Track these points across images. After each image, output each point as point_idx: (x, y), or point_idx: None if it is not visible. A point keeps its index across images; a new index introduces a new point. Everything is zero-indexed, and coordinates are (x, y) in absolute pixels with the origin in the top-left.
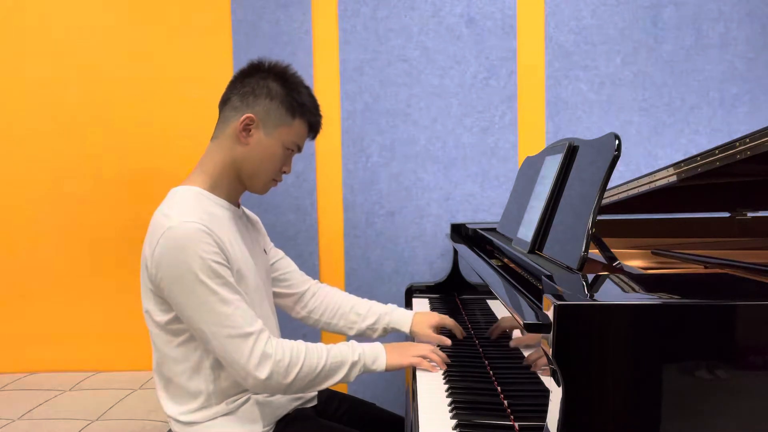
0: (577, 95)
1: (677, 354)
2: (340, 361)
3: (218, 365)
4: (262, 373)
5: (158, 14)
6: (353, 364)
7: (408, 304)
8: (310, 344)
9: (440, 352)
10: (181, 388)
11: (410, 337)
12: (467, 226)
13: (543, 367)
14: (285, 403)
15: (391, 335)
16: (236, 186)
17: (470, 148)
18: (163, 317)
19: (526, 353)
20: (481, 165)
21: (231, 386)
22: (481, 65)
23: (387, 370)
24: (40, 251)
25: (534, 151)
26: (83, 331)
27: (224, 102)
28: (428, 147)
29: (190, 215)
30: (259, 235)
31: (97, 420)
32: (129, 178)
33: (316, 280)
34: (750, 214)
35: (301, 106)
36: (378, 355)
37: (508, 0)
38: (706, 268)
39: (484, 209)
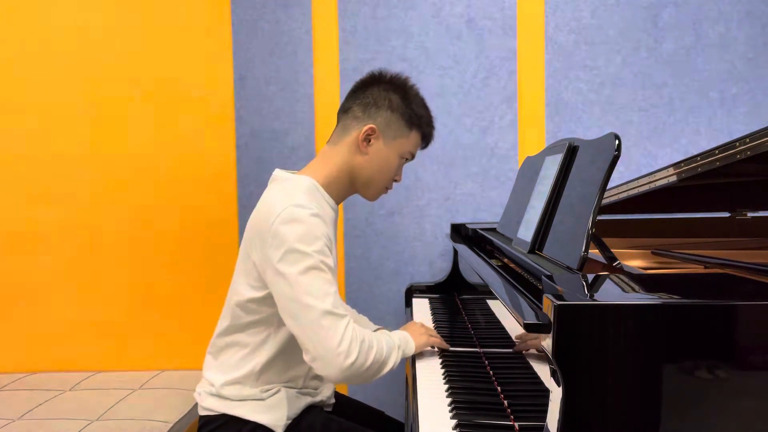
0: (577, 95)
1: (677, 354)
2: (391, 346)
3: (273, 355)
4: (351, 356)
5: (158, 14)
6: (398, 348)
7: (408, 304)
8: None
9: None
10: (234, 359)
11: None
12: (467, 226)
13: (533, 352)
14: (308, 403)
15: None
16: (347, 191)
17: (470, 148)
18: (251, 293)
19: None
20: (481, 165)
21: (272, 376)
22: (481, 65)
23: (416, 351)
24: (40, 251)
25: (534, 151)
26: (83, 331)
27: (345, 111)
28: (428, 147)
29: (311, 203)
30: None
31: (97, 420)
32: (128, 177)
33: None
34: (750, 214)
35: (419, 119)
36: (408, 340)
37: (508, 0)
38: (706, 268)
39: (484, 209)
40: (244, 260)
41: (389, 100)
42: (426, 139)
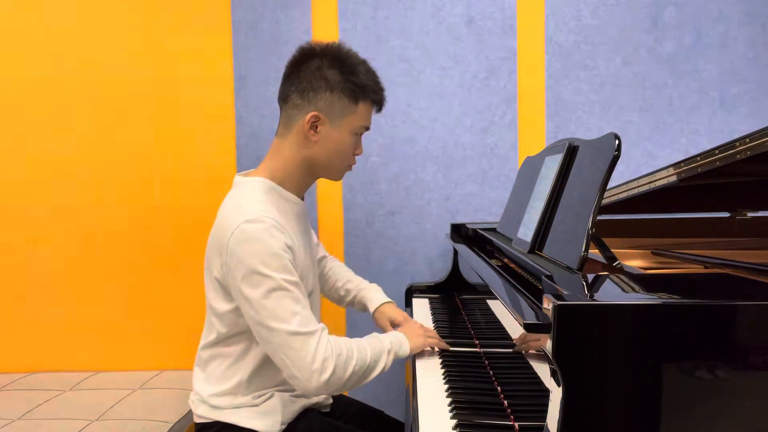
0: (577, 95)
1: (677, 354)
2: (379, 351)
3: (259, 363)
4: (326, 373)
5: (158, 14)
6: (388, 352)
7: (408, 304)
8: (353, 339)
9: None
10: (219, 370)
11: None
12: (467, 226)
13: (533, 352)
14: (304, 405)
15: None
16: (308, 180)
17: (470, 148)
18: (223, 306)
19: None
20: (481, 165)
21: (263, 382)
22: (481, 65)
23: (411, 353)
24: (40, 251)
25: (534, 151)
26: (83, 331)
27: (284, 99)
28: (428, 147)
29: (267, 211)
30: (309, 225)
31: (97, 420)
32: (128, 177)
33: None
34: (750, 214)
35: (362, 89)
36: (402, 341)
37: (508, 0)
38: (706, 268)
39: (484, 209)
40: (208, 274)
41: (325, 79)
42: (377, 104)
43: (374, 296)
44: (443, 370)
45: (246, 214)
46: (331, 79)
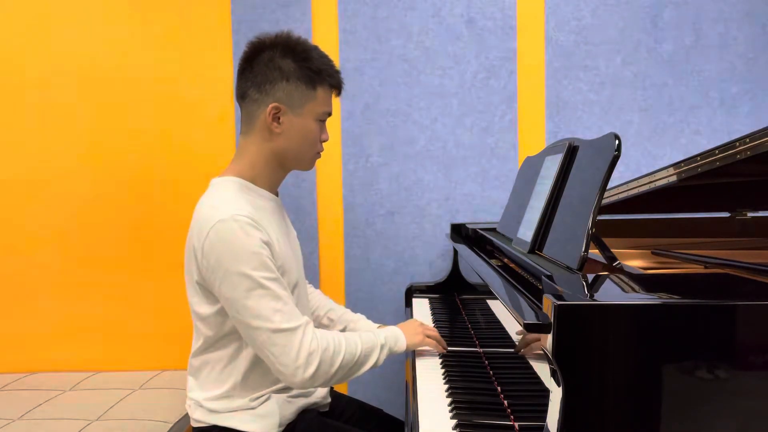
0: (577, 95)
1: (677, 354)
2: (371, 345)
3: (252, 362)
4: (311, 368)
5: (158, 14)
6: (382, 347)
7: (408, 304)
8: (343, 333)
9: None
10: (212, 376)
11: None
12: (467, 226)
13: (535, 354)
14: (302, 406)
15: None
16: (279, 175)
17: (470, 148)
18: (206, 309)
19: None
20: (481, 165)
21: (258, 383)
22: (481, 65)
23: (407, 350)
24: (40, 251)
25: (534, 151)
26: (83, 331)
27: (242, 96)
28: (428, 147)
29: (241, 209)
30: (287, 219)
31: (97, 420)
32: (128, 177)
33: None
34: (750, 214)
35: (319, 74)
36: (398, 337)
37: (508, 0)
38: (706, 268)
39: (484, 209)
40: (189, 279)
41: (279, 69)
42: (336, 87)
43: (365, 326)
44: (443, 370)
45: (219, 214)
46: (286, 68)
